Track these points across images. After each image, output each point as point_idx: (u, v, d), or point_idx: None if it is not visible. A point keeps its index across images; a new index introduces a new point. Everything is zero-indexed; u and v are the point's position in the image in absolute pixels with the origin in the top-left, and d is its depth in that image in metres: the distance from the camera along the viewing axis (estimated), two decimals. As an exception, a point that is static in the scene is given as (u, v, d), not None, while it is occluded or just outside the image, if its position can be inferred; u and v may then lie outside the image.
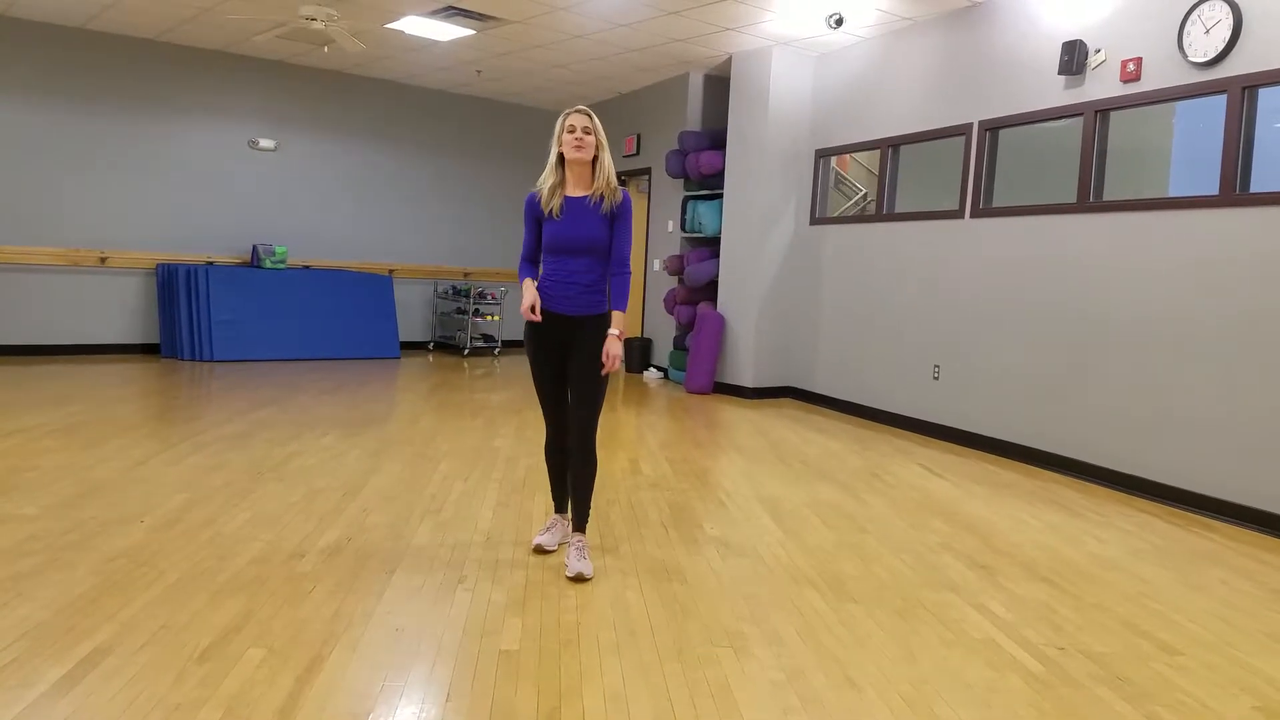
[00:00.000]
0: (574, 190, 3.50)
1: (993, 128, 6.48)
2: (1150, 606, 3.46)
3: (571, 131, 3.45)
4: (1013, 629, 3.15)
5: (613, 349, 3.46)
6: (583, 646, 2.82)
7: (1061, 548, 4.18)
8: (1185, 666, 2.92)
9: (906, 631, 3.08)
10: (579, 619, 3.03)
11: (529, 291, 3.47)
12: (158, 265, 9.22)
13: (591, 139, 3.46)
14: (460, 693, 2.49)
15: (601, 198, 3.47)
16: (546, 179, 3.52)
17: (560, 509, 3.82)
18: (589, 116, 3.49)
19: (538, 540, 3.72)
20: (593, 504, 3.74)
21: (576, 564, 3.44)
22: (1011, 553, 4.06)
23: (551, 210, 3.48)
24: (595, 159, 3.48)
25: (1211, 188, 5.04)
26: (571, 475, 3.60)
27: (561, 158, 3.50)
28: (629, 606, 3.17)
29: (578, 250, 3.45)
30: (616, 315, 3.53)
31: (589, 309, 3.49)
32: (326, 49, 8.51)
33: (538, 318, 3.45)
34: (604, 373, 3.49)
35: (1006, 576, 3.72)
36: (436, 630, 2.88)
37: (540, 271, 3.56)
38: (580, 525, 3.58)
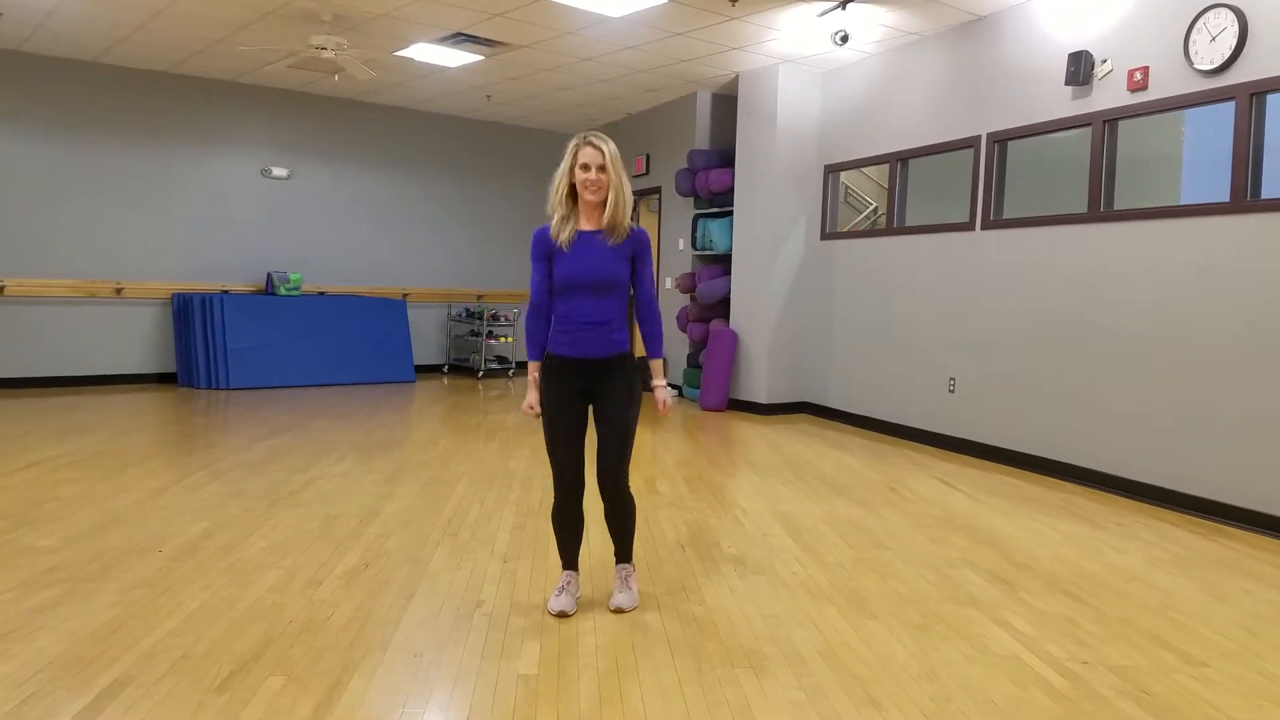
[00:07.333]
0: (586, 224, 3.19)
1: (1001, 140, 6.48)
2: (1173, 618, 3.43)
3: (586, 170, 3.10)
4: (1035, 644, 3.13)
5: (660, 395, 3.34)
6: (601, 670, 2.81)
7: (1082, 560, 4.15)
8: (1210, 679, 2.88)
9: (928, 648, 3.06)
10: (598, 642, 3.02)
11: (531, 389, 3.25)
12: (173, 295, 9.30)
13: (606, 178, 3.11)
14: (480, 718, 2.48)
15: (612, 234, 3.17)
16: (555, 209, 3.20)
17: (571, 565, 3.37)
18: (602, 151, 3.11)
19: (558, 606, 3.25)
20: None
21: (620, 596, 3.31)
22: (1032, 566, 4.03)
23: (561, 243, 3.15)
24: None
25: (1223, 194, 5.02)
26: (611, 524, 3.34)
27: (573, 189, 3.16)
28: (648, 628, 3.16)
29: (590, 287, 3.13)
30: (656, 364, 3.34)
31: (609, 349, 3.19)
32: (337, 77, 8.58)
33: (536, 412, 3.25)
34: (659, 413, 3.38)
35: (1027, 590, 3.69)
36: (455, 655, 2.88)
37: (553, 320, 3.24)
38: (625, 555, 3.39)
